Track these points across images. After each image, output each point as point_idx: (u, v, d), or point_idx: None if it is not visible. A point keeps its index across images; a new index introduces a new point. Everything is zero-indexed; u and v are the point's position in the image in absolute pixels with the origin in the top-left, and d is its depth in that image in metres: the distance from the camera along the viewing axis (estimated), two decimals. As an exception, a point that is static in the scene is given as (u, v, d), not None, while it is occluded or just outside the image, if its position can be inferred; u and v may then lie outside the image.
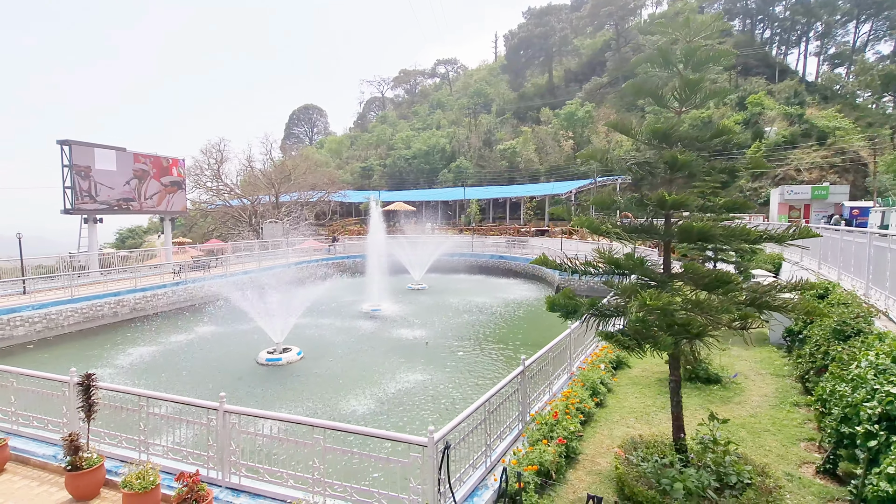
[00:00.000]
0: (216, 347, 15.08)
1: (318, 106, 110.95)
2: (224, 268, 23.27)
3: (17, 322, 14.33)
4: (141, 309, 18.26)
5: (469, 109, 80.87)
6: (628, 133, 5.51)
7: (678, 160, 4.76)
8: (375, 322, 18.24)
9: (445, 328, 17.41)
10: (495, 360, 13.70)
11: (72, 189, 21.58)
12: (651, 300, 4.16)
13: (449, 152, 68.63)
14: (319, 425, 4.73)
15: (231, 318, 18.28)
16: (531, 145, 61.27)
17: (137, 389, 5.56)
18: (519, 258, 31.31)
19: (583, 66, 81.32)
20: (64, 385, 5.96)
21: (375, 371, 12.55)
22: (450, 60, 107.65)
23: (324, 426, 4.72)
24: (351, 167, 73.60)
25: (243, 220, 46.67)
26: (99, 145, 22.87)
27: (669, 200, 4.73)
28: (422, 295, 24.11)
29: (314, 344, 14.96)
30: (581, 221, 5.37)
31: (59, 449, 5.90)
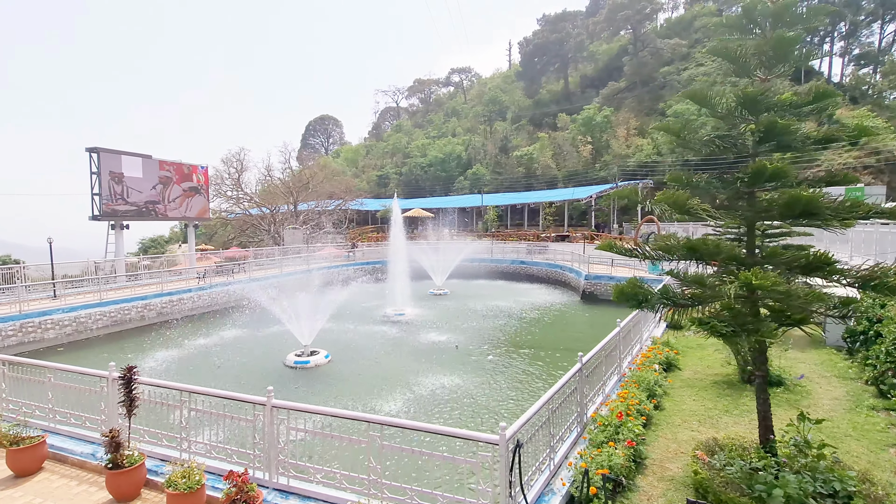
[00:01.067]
0: (243, 350, 14.87)
1: (333, 116, 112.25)
2: (247, 273, 23.25)
3: (48, 325, 14.35)
4: (167, 313, 18.22)
5: (484, 117, 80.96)
6: (705, 103, 5.10)
7: (777, 126, 4.32)
8: (400, 326, 17.90)
9: (472, 332, 16.97)
10: (527, 364, 13.21)
11: (100, 195, 21.83)
12: (757, 279, 3.72)
13: (465, 159, 68.57)
14: (377, 421, 4.37)
15: (257, 321, 18.15)
16: (548, 151, 60.83)
17: (179, 384, 5.28)
18: (541, 263, 30.78)
19: (599, 72, 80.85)
20: (102, 380, 5.71)
21: (405, 374, 12.18)
22: (464, 69, 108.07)
23: (381, 422, 4.36)
24: (367, 175, 73.99)
25: (262, 228, 47.06)
26: (126, 153, 23.16)
27: (770, 169, 4.28)
28: (444, 300, 23.73)
29: (340, 347, 14.66)
30: (666, 197, 4.94)
31: (98, 447, 5.66)
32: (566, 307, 22.41)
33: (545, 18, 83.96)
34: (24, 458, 5.33)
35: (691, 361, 9.88)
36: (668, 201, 4.92)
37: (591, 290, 23.24)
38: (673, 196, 4.89)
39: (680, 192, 4.92)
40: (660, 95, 66.80)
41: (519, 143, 66.84)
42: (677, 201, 4.85)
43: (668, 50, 70.40)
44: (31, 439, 5.37)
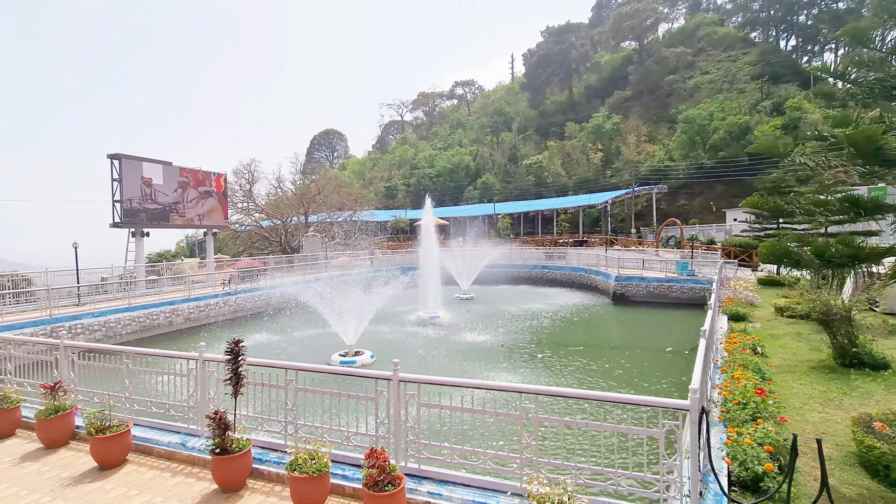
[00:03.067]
0: (284, 353, 14.30)
1: (338, 130, 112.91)
2: (271, 279, 22.77)
3: (78, 329, 13.83)
4: (195, 319, 17.70)
5: (490, 128, 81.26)
6: (833, 97, 4.70)
7: None
8: (437, 329, 17.37)
9: (511, 333, 16.42)
10: (583, 362, 12.67)
11: (121, 202, 21.47)
12: None
13: (473, 169, 68.56)
14: (531, 391, 3.87)
15: (289, 325, 17.65)
16: (557, 159, 60.78)
17: (284, 362, 4.77)
18: (564, 267, 30.31)
19: (603, 81, 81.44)
20: (191, 362, 5.21)
21: (457, 374, 11.63)
22: (467, 82, 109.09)
23: (538, 392, 3.86)
24: (375, 187, 73.90)
25: (273, 240, 46.69)
26: (147, 159, 22.88)
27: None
28: (472, 304, 23.21)
29: (383, 348, 14.11)
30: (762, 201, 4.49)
31: (186, 437, 5.14)
32: (599, 308, 21.87)
33: (549, 30, 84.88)
34: (111, 447, 4.81)
35: (773, 349, 9.35)
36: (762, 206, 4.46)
37: (622, 291, 22.72)
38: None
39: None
40: (666, 103, 67.09)
41: (527, 153, 66.89)
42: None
43: (674, 59, 70.96)
44: (116, 427, 4.85)
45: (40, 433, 5.34)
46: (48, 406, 5.33)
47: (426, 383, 4.22)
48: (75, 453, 5.21)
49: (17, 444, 5.48)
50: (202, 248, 67.40)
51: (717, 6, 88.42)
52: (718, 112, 46.38)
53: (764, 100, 51.73)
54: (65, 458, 5.09)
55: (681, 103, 61.08)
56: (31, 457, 5.14)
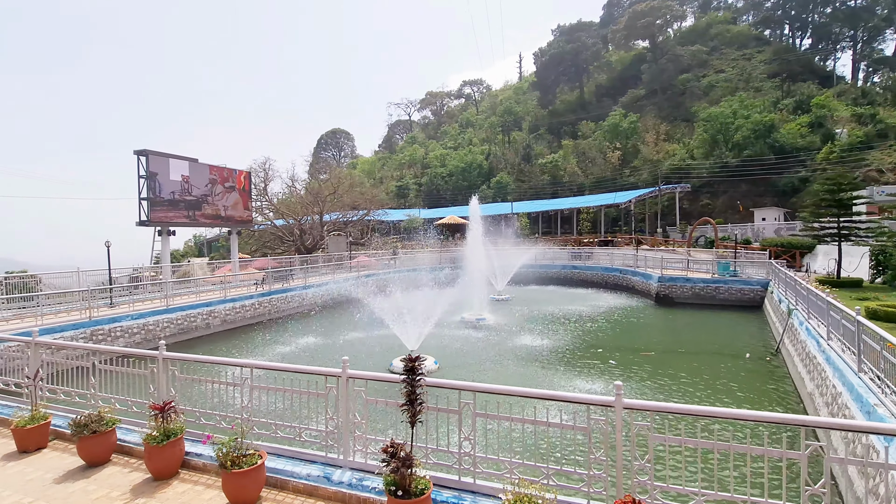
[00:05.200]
0: (333, 359, 13.50)
1: (345, 130, 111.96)
2: (302, 279, 21.98)
3: (117, 332, 13.03)
4: (231, 321, 16.91)
5: (500, 127, 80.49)
6: None
7: None
8: (487, 331, 16.59)
9: (567, 336, 15.65)
10: (657, 369, 11.87)
11: (148, 200, 20.68)
12: None
13: (486, 169, 67.77)
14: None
15: (332, 326, 16.89)
16: (573, 159, 60.02)
17: (462, 382, 3.97)
18: (595, 268, 29.52)
19: (614, 80, 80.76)
20: (330, 379, 4.41)
21: (529, 381, 10.85)
22: (475, 81, 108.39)
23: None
24: (386, 186, 73.06)
25: (287, 239, 45.86)
26: (173, 156, 22.09)
27: None
28: (510, 305, 22.42)
29: (438, 353, 13.32)
30: None
31: (325, 468, 4.32)
32: (642, 310, 21.07)
33: (560, 29, 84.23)
34: (245, 483, 4.00)
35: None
36: None
37: (665, 292, 21.93)
38: None
39: None
40: (679, 102, 66.38)
41: (541, 152, 66.14)
42: None
43: (688, 57, 70.19)
44: (251, 458, 4.05)
45: (150, 462, 4.53)
46: (158, 429, 4.52)
47: (655, 411, 3.40)
48: (192, 486, 4.40)
49: (120, 474, 4.67)
50: (211, 247, 66.72)
51: (728, 4, 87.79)
52: (741, 110, 45.59)
53: (785, 98, 50.99)
54: (184, 494, 4.28)
55: (695, 102, 60.37)
56: (143, 491, 4.33)
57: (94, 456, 4.82)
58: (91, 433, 4.74)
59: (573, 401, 3.64)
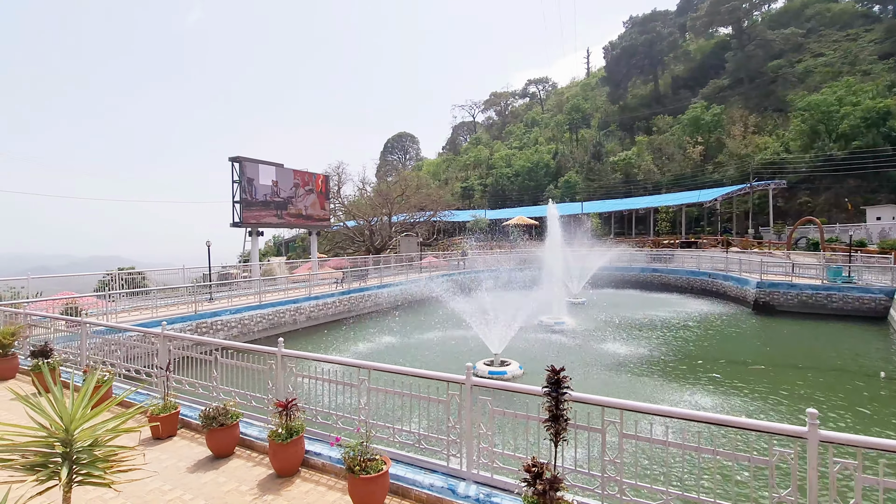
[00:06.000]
0: (416, 359, 13.57)
1: (410, 133, 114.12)
2: (378, 279, 22.45)
3: (218, 326, 13.93)
4: (315, 318, 17.56)
5: (567, 125, 78.22)
6: None
7: None
8: (566, 336, 15.93)
9: (655, 344, 14.62)
10: (776, 386, 10.66)
11: (240, 203, 22.06)
12: None
13: (553, 168, 66.10)
14: None
15: (409, 325, 17.03)
16: (648, 155, 56.87)
17: (604, 398, 3.62)
18: (680, 271, 27.60)
19: (693, 71, 75.71)
20: (454, 385, 4.22)
21: (625, 392, 10.14)
22: (540, 80, 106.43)
23: None
24: (451, 188, 73.46)
25: (358, 240, 47.34)
26: (262, 161, 23.44)
27: None
28: (587, 309, 21.46)
29: (520, 357, 12.91)
30: None
31: (447, 479, 4.13)
32: (738, 318, 19.28)
33: (632, 20, 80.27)
34: (372, 489, 3.90)
35: None
36: None
37: (765, 299, 19.93)
38: None
39: None
40: (770, 90, 60.74)
41: (612, 149, 63.36)
42: None
43: (780, 41, 64.08)
44: (377, 463, 3.95)
45: (274, 458, 4.59)
46: (282, 426, 4.58)
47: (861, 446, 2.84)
48: (315, 486, 4.39)
49: (244, 467, 4.79)
50: (288, 247, 70.49)
51: (827, -19, 79.14)
52: (848, 96, 40.72)
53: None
54: (308, 494, 4.28)
55: (789, 90, 54.92)
56: (269, 487, 4.39)
57: (221, 448, 4.99)
58: (219, 426, 4.91)
59: (747, 427, 3.15)
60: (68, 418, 2.33)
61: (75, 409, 2.40)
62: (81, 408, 2.44)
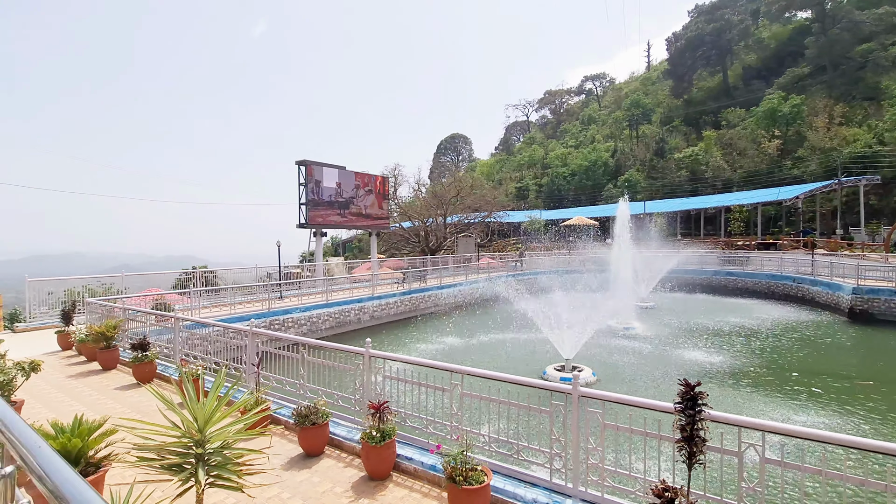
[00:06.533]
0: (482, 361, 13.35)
1: (463, 134, 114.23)
2: (438, 280, 22.47)
3: (289, 323, 14.40)
4: (378, 317, 17.79)
5: (626, 122, 75.17)
6: None
7: None
8: (638, 342, 15.09)
9: (741, 354, 13.49)
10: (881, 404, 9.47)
11: (307, 204, 22.84)
12: None
13: (612, 166, 63.71)
14: None
15: (472, 327, 16.85)
16: (716, 151, 53.41)
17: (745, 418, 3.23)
18: (757, 274, 25.59)
19: (767, 60, 70.32)
20: (556, 396, 3.94)
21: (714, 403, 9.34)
22: (597, 76, 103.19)
23: None
24: (505, 188, 72.69)
25: (413, 241, 47.81)
26: (326, 164, 24.17)
27: None
28: (657, 313, 20.32)
29: (591, 363, 12.35)
30: None
31: (552, 495, 3.85)
32: (834, 327, 17.45)
33: (698, 9, 75.94)
34: (475, 501, 3.71)
35: None
36: None
37: (863, 307, 17.96)
38: None
39: None
40: (858, 77, 55.20)
41: (676, 145, 60.11)
42: None
43: (871, 22, 58.08)
44: (478, 474, 3.75)
45: (367, 461, 4.52)
46: (375, 428, 4.49)
47: None
48: (409, 492, 4.26)
49: (336, 468, 4.76)
50: (345, 248, 72.58)
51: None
52: (959, 80, 36.11)
53: None
54: (402, 500, 4.16)
55: (882, 76, 49.64)
56: (363, 490, 4.31)
57: (313, 447, 5.00)
58: (311, 424, 4.92)
59: None
60: (203, 419, 2.31)
61: (209, 409, 2.38)
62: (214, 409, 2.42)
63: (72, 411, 6.31)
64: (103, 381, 7.63)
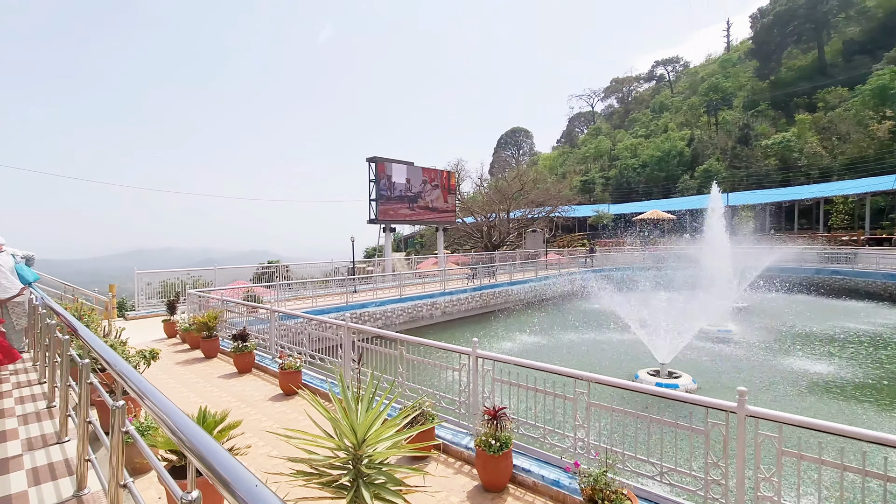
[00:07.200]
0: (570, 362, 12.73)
1: (524, 128, 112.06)
2: (508, 276, 21.96)
3: (365, 317, 14.56)
4: (449, 313, 17.62)
5: (703, 108, 69.95)
6: None
7: None
8: (735, 347, 13.74)
9: (866, 364, 11.82)
10: None
11: (376, 200, 23.14)
12: None
13: (688, 156, 59.55)
14: None
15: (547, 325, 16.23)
16: (812, 136, 48.22)
17: None
18: (872, 274, 22.70)
19: (873, 32, 62.44)
20: (714, 413, 3.38)
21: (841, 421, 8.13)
22: (669, 60, 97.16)
23: None
24: (569, 181, 70.34)
25: (475, 237, 47.39)
26: (395, 160, 24.34)
27: None
28: (753, 315, 18.55)
29: (688, 368, 11.34)
30: None
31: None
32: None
33: (790, -21, 68.77)
34: (620, 528, 3.26)
35: None
36: None
37: None
38: None
39: None
40: None
41: (764, 131, 54.99)
42: None
43: None
44: (620, 499, 3.29)
45: (483, 471, 4.20)
46: (491, 436, 4.16)
47: None
48: (532, 510, 3.90)
49: (445, 475, 4.49)
50: (407, 244, 73.78)
51: None
52: None
53: None
54: (528, 518, 3.79)
55: None
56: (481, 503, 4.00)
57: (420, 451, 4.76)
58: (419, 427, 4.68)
59: None
60: (363, 431, 2.07)
61: (368, 420, 2.14)
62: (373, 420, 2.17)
63: (183, 398, 6.56)
64: (206, 369, 7.95)
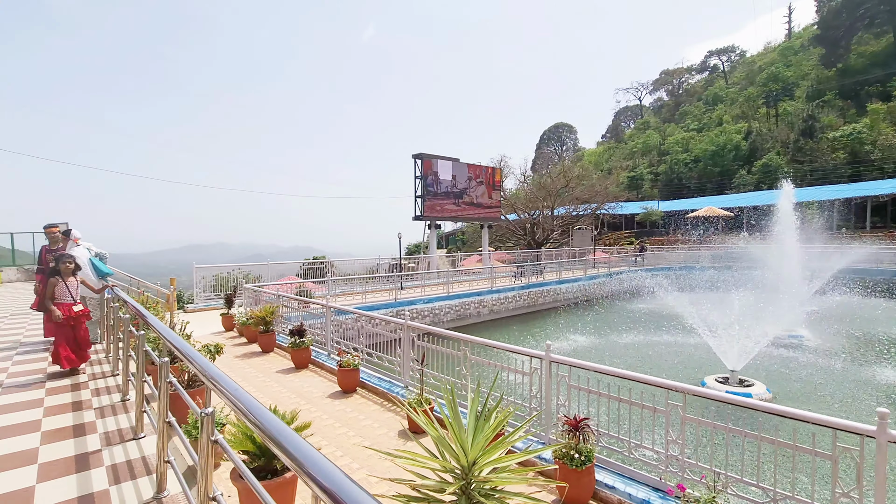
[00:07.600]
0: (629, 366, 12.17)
1: (567, 123, 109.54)
2: (556, 274, 21.38)
3: (414, 314, 14.47)
4: (497, 311, 17.31)
5: (761, 99, 65.89)
6: None
7: None
8: (809, 354, 12.69)
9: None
10: None
11: (422, 197, 23.09)
12: None
13: (745, 150, 56.23)
14: None
15: (599, 326, 15.63)
16: (886, 127, 44.37)
17: None
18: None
19: (961, 10, 56.82)
20: (850, 437, 2.95)
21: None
22: (724, 49, 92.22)
23: None
24: (615, 177, 68.12)
25: (518, 234, 46.64)
26: (441, 157, 24.21)
27: None
28: (826, 320, 17.10)
29: (759, 375, 10.53)
30: None
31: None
32: None
33: (862, -43, 63.51)
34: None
35: None
36: None
37: None
38: None
39: None
40: None
41: (831, 123, 51.11)
42: None
43: None
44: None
45: (565, 487, 3.91)
46: (573, 448, 3.86)
47: None
48: (620, 530, 3.57)
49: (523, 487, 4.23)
50: (448, 241, 73.77)
51: None
52: None
53: None
54: (617, 539, 3.47)
55: None
56: (563, 520, 3.71)
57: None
58: (491, 434, 4.44)
59: None
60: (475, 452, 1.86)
61: (478, 443, 1.92)
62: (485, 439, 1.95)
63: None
64: (265, 364, 8.04)
